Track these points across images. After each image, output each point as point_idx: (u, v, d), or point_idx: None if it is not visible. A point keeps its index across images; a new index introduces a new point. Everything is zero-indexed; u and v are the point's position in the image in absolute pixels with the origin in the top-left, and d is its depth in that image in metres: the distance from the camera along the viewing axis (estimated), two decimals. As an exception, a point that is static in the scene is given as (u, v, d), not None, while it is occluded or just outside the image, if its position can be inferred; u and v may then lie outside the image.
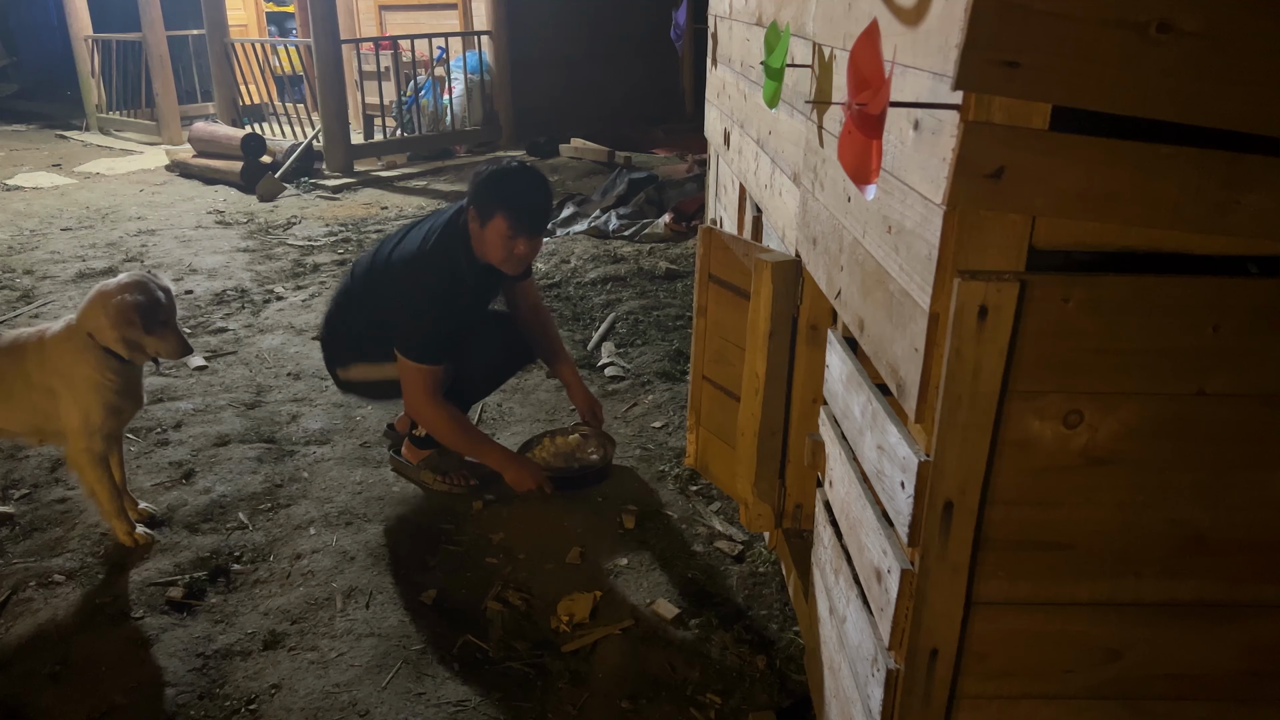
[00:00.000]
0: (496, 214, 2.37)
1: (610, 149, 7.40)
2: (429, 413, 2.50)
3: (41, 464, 2.95)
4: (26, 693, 2.01)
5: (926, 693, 1.28)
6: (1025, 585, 1.23)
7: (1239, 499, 1.18)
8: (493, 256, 2.45)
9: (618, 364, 3.63)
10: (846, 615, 1.55)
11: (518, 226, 2.39)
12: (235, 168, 6.79)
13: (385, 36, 8.37)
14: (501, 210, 2.37)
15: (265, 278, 4.83)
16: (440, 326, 2.46)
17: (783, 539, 2.28)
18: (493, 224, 2.39)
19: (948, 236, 1.08)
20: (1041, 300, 1.08)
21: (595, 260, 4.96)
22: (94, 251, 5.29)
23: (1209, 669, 1.28)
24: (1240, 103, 0.99)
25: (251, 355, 3.83)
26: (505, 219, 2.38)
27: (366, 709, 1.97)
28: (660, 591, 2.32)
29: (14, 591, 2.34)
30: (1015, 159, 1.03)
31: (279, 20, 11.18)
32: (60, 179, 7.32)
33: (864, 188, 1.10)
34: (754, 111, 2.41)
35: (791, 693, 1.98)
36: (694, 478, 2.81)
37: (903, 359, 1.22)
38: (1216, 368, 1.12)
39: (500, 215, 2.37)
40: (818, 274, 1.76)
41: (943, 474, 1.16)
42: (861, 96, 1.04)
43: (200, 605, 2.30)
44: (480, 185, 2.43)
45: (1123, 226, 1.08)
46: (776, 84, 1.72)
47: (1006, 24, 0.96)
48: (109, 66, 9.11)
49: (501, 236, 2.39)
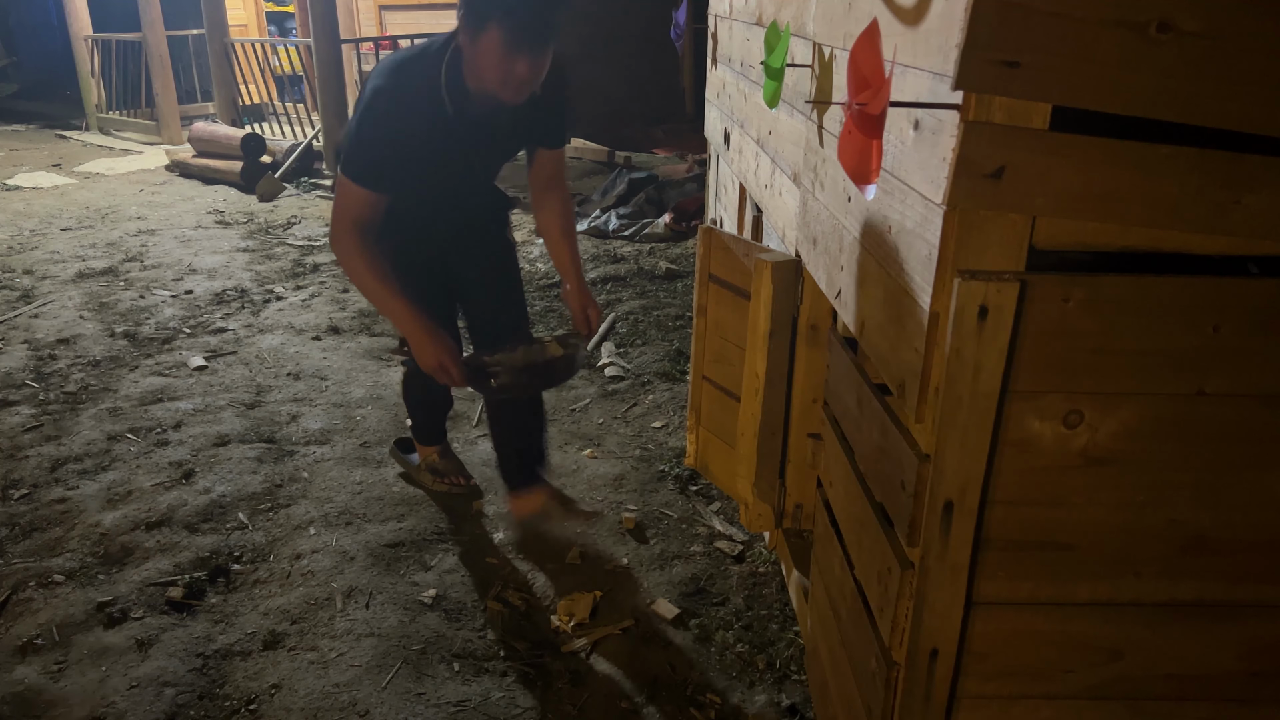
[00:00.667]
0: (489, 25, 1.88)
1: (610, 149, 7.40)
2: (346, 245, 2.07)
3: (41, 464, 2.95)
4: (26, 693, 2.01)
5: (926, 693, 1.28)
6: (1025, 585, 1.23)
7: (1239, 499, 1.18)
8: (489, 80, 1.95)
9: (618, 364, 3.63)
10: (846, 615, 1.55)
11: (515, 40, 1.89)
12: (235, 168, 6.79)
13: (385, 36, 8.37)
14: (495, 19, 1.88)
15: (265, 278, 4.83)
16: (393, 149, 2.03)
17: (783, 539, 2.29)
18: (485, 37, 1.89)
19: (948, 236, 1.08)
20: (1041, 300, 1.08)
21: (595, 260, 4.96)
22: (94, 251, 5.29)
23: (1209, 669, 1.28)
24: (1240, 103, 0.99)
25: (251, 355, 3.83)
26: (499, 30, 1.88)
27: (366, 709, 1.97)
28: (660, 591, 2.32)
29: (14, 591, 2.34)
30: (1015, 159, 1.03)
31: (279, 20, 11.18)
32: (60, 179, 7.32)
33: (864, 188, 1.10)
34: (754, 111, 2.41)
35: (791, 693, 1.98)
36: (694, 478, 2.81)
37: (903, 359, 1.22)
38: (1216, 368, 1.12)
39: (494, 26, 1.88)
40: (818, 274, 1.76)
41: (943, 474, 1.16)
42: (861, 96, 1.04)
43: (200, 605, 2.30)
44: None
45: (1123, 226, 1.08)
46: (776, 84, 1.72)
47: (1006, 24, 0.96)
48: (109, 66, 9.12)
49: (496, 53, 1.90)
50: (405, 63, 2.07)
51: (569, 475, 2.86)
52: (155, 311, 4.32)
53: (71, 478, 2.87)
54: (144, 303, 4.44)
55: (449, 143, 2.12)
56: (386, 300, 2.13)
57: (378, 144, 2.02)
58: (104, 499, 2.75)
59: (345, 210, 2.07)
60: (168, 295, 4.55)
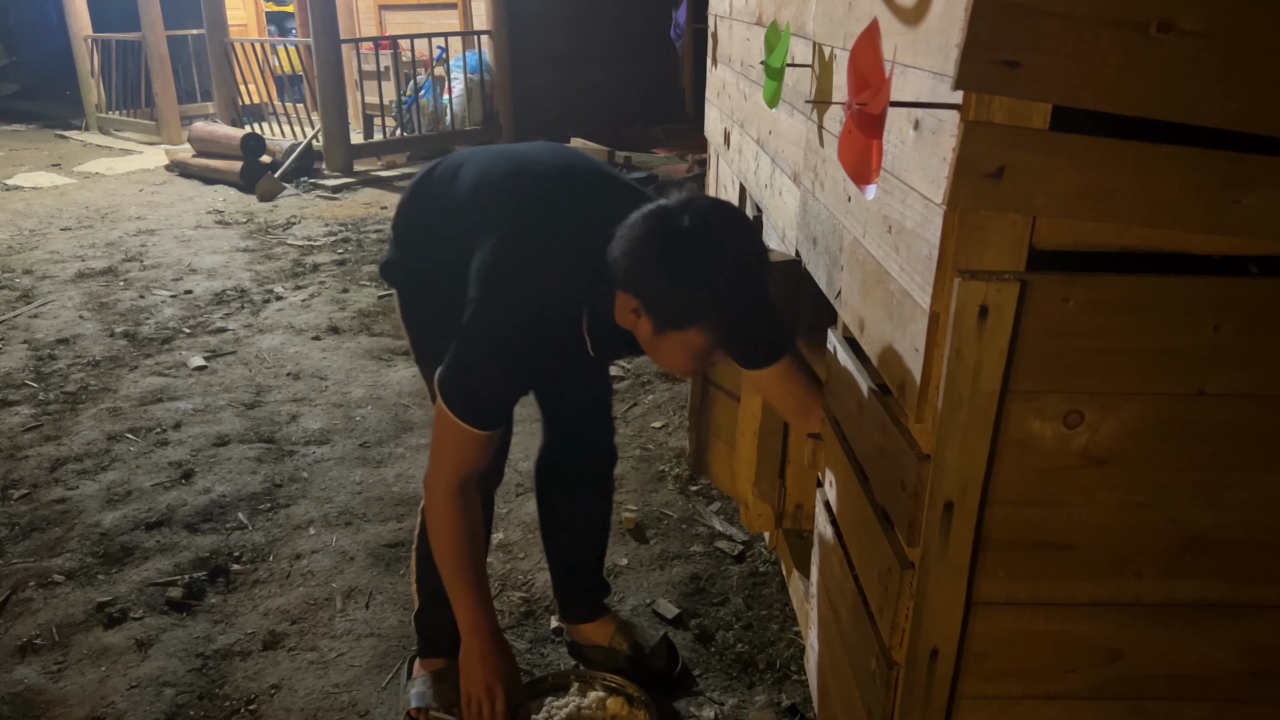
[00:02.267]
0: (696, 325, 1.41)
1: (610, 149, 7.40)
2: (445, 497, 1.64)
3: (41, 464, 2.95)
4: (26, 693, 2.01)
5: (926, 693, 1.28)
6: (1025, 585, 1.23)
7: (1239, 499, 1.18)
8: (663, 361, 1.55)
9: (618, 364, 3.63)
10: (846, 615, 1.55)
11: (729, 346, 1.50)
12: (235, 167, 6.79)
13: (385, 36, 8.37)
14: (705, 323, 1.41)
15: (265, 278, 4.83)
16: (519, 388, 1.67)
17: (783, 539, 2.29)
18: (684, 336, 1.43)
19: (948, 236, 1.08)
20: (1042, 300, 1.08)
21: (595, 260, 4.95)
22: (93, 251, 5.29)
23: (1209, 669, 1.28)
24: (1240, 103, 0.99)
25: (251, 355, 3.83)
26: (707, 333, 1.42)
27: (366, 709, 1.97)
28: (660, 591, 2.32)
29: (14, 591, 2.34)
30: (1015, 159, 1.03)
31: (279, 20, 11.17)
32: (60, 179, 7.32)
33: (864, 187, 1.10)
34: (754, 111, 2.41)
35: (791, 693, 1.98)
36: (694, 478, 2.81)
37: (903, 359, 1.22)
38: (1216, 368, 1.12)
39: (703, 331, 1.42)
40: (818, 274, 1.76)
41: (943, 474, 1.16)
42: (862, 96, 1.04)
43: (200, 605, 2.30)
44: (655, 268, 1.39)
45: (1123, 226, 1.08)
46: (776, 84, 1.72)
47: (1006, 24, 0.96)
48: (109, 66, 9.11)
49: (693, 349, 1.46)
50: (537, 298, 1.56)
51: (569, 475, 2.86)
52: (155, 311, 4.32)
53: (71, 478, 2.87)
54: (144, 303, 4.44)
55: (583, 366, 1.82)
56: (459, 577, 1.68)
57: (506, 381, 1.61)
58: (104, 499, 2.75)
59: (453, 456, 1.63)
60: (167, 295, 4.55)
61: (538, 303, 1.55)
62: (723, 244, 1.38)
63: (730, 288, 1.38)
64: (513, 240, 1.58)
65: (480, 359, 1.58)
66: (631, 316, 1.48)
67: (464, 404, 1.58)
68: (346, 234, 5.63)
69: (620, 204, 1.50)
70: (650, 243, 1.39)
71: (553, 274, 1.56)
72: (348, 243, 5.46)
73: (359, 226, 5.83)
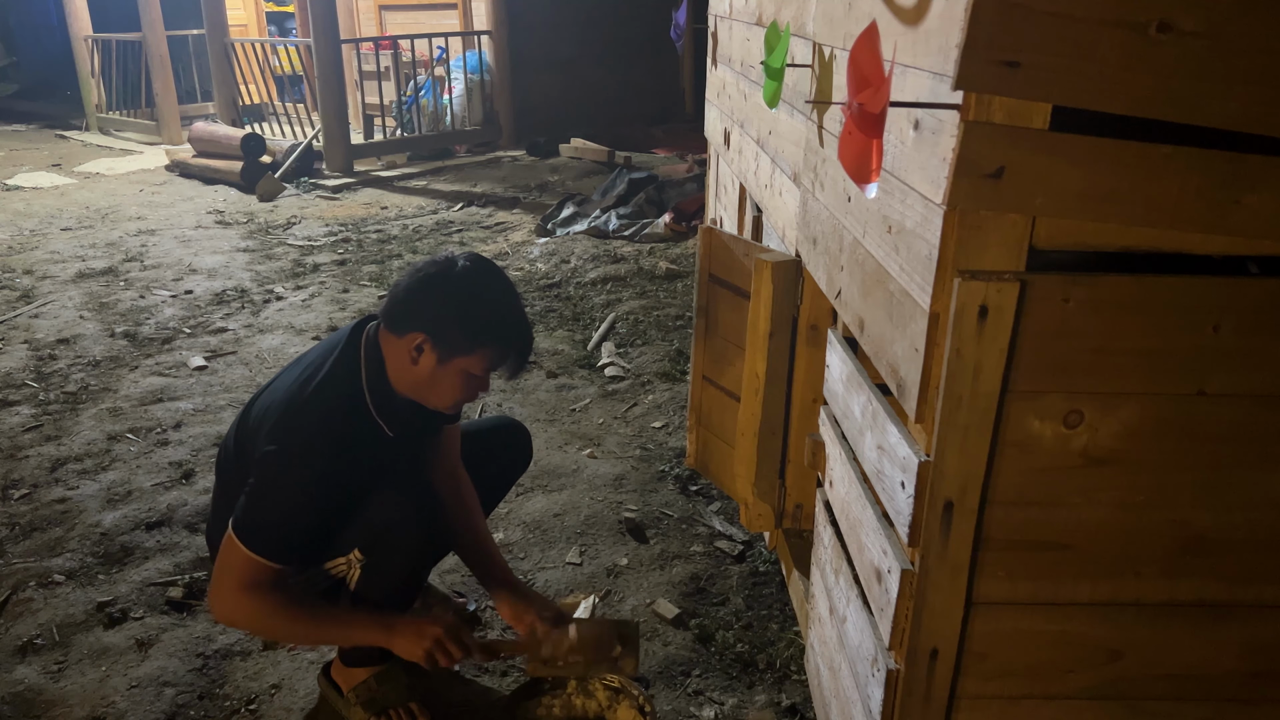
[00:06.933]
0: (480, 348, 1.65)
1: (610, 149, 7.40)
2: (235, 605, 1.65)
3: (41, 464, 2.95)
4: (26, 693, 2.01)
5: (926, 693, 1.28)
6: (1025, 585, 1.23)
7: (1239, 499, 1.19)
8: (438, 396, 1.71)
9: (618, 364, 3.63)
10: (846, 615, 1.55)
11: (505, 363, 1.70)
12: (235, 168, 6.79)
13: (385, 36, 8.37)
14: (490, 344, 1.66)
15: (265, 278, 4.83)
16: (322, 516, 1.67)
17: (783, 539, 2.29)
18: (471, 360, 1.66)
19: (948, 236, 1.08)
20: (1042, 300, 1.08)
21: (595, 260, 4.95)
22: (94, 251, 5.29)
23: (1209, 669, 1.28)
24: (1240, 103, 0.99)
25: (251, 355, 3.83)
26: (491, 353, 1.67)
27: (366, 709, 1.97)
28: (660, 591, 2.32)
29: (14, 591, 2.34)
30: (1015, 159, 1.03)
31: (279, 20, 11.18)
32: (60, 179, 7.32)
33: (864, 187, 1.10)
34: (754, 111, 2.41)
35: (791, 693, 1.98)
36: (694, 478, 2.81)
37: (903, 359, 1.22)
38: (1216, 368, 1.12)
39: (487, 350, 1.66)
40: (818, 274, 1.76)
41: (943, 474, 1.16)
42: (862, 96, 1.04)
43: (200, 605, 2.30)
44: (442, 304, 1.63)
45: (1123, 226, 1.08)
46: (777, 84, 1.72)
47: (1006, 24, 0.96)
48: (109, 66, 9.11)
49: (472, 372, 1.68)
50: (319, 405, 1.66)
51: (569, 475, 2.86)
52: (155, 311, 4.32)
53: (71, 478, 2.87)
54: (144, 303, 4.45)
55: (390, 460, 1.78)
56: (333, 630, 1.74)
57: (303, 514, 1.64)
58: (104, 499, 2.75)
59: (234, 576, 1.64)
60: (168, 295, 4.55)
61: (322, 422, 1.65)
62: (492, 281, 1.69)
63: (506, 311, 1.68)
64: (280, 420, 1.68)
65: (280, 496, 1.64)
66: (409, 358, 1.66)
67: (259, 537, 1.62)
68: (347, 234, 5.64)
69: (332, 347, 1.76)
70: (437, 282, 1.65)
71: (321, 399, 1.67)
72: (348, 243, 5.46)
73: (359, 227, 5.83)
